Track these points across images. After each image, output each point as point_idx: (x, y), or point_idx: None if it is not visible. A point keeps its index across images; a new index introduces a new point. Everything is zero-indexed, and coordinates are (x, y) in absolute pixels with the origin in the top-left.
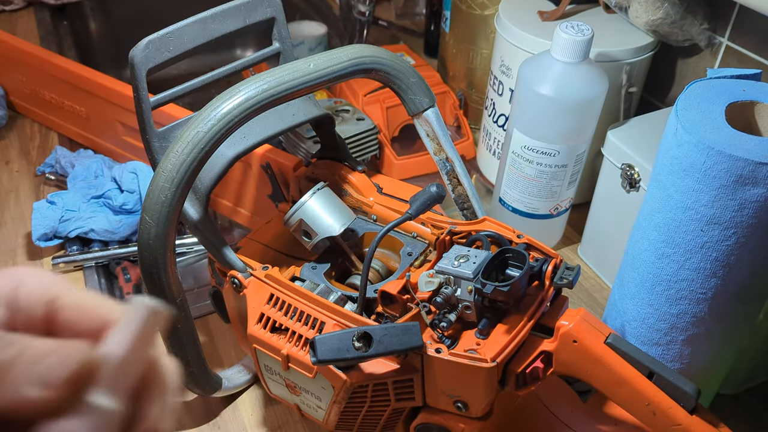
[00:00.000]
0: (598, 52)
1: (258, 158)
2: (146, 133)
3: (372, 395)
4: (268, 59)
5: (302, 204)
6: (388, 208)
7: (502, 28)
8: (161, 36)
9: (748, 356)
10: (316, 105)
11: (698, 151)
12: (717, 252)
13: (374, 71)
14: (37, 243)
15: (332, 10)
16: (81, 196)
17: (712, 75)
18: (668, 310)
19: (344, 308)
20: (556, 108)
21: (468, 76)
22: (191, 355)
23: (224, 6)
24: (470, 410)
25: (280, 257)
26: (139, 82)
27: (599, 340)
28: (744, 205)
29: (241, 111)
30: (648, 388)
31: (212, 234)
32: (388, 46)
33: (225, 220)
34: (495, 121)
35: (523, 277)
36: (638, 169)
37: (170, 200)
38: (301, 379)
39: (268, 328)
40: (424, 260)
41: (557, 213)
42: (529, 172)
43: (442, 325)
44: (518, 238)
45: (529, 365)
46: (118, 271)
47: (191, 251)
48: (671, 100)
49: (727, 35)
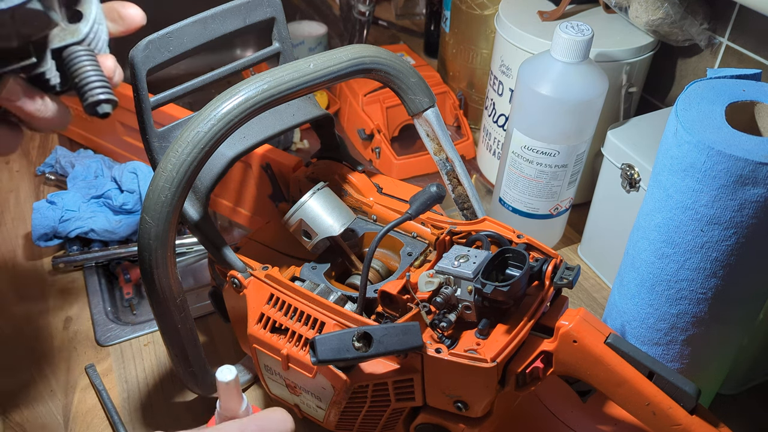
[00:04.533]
0: (598, 52)
1: (258, 158)
2: (146, 133)
3: (372, 395)
4: (268, 59)
5: (302, 204)
6: (388, 208)
7: (502, 28)
8: (161, 36)
9: (748, 356)
10: (315, 105)
11: (698, 151)
12: (717, 252)
13: (374, 71)
14: (37, 243)
15: (332, 10)
16: (81, 196)
17: (712, 75)
18: (668, 310)
19: (344, 308)
20: (556, 108)
21: (468, 76)
22: (191, 355)
23: (224, 6)
24: (470, 410)
25: (280, 257)
26: (139, 82)
27: (599, 340)
28: (744, 205)
29: (241, 111)
30: (648, 388)
31: (212, 234)
32: (388, 46)
33: (225, 220)
34: (495, 121)
35: (523, 277)
36: (638, 169)
37: (170, 200)
38: (301, 379)
39: (268, 328)
40: (424, 260)
41: (557, 213)
42: (529, 172)
43: (442, 325)
44: (518, 238)
45: (529, 365)
46: (118, 271)
47: (191, 251)
48: (671, 100)
49: (727, 35)
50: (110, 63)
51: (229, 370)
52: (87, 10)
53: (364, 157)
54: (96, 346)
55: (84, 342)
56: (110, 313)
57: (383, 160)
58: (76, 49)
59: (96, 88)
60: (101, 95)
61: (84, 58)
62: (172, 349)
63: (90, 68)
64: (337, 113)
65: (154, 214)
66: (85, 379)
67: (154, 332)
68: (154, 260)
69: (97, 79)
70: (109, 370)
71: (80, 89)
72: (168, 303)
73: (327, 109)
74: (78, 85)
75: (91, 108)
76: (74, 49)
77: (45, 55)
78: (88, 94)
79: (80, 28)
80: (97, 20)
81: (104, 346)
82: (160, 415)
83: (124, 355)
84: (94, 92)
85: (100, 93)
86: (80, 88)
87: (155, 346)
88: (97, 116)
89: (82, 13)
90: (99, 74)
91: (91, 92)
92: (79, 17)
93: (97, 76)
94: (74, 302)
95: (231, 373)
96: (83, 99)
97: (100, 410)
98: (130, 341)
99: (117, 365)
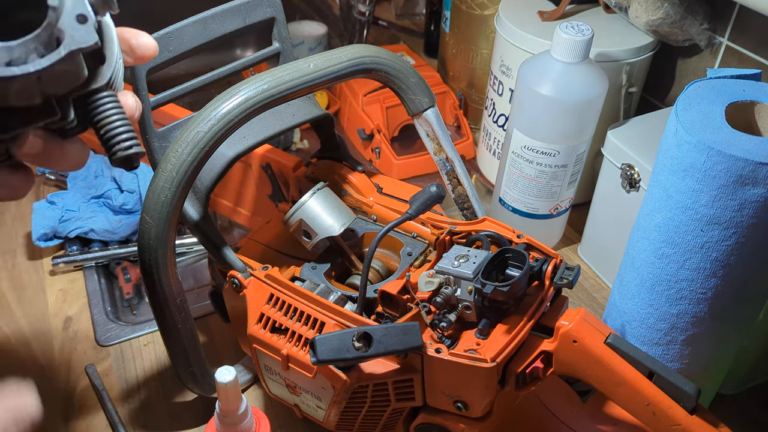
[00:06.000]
0: (598, 52)
1: (258, 158)
2: (146, 133)
3: (372, 395)
4: (268, 59)
5: (302, 204)
6: (388, 208)
7: (502, 28)
8: (161, 36)
9: (748, 356)
10: (315, 105)
11: (698, 151)
12: (717, 252)
13: (374, 71)
14: (37, 243)
15: (332, 10)
16: (81, 196)
17: (712, 75)
18: (668, 310)
19: (344, 308)
20: (556, 108)
21: (468, 76)
22: (191, 355)
23: (224, 6)
24: (470, 410)
25: (280, 257)
26: (139, 82)
27: (599, 340)
28: (744, 205)
29: (241, 111)
30: (648, 388)
31: (212, 234)
32: (388, 46)
33: (225, 220)
34: (495, 121)
35: (523, 277)
36: (638, 169)
37: (170, 200)
38: (301, 379)
39: (268, 328)
40: (424, 260)
41: (557, 213)
42: (529, 172)
43: (442, 325)
44: (518, 238)
45: (529, 365)
46: (118, 271)
47: (191, 251)
48: (671, 100)
49: (727, 35)
50: (131, 101)
51: (228, 370)
52: (109, 52)
53: (364, 157)
54: (96, 346)
55: (84, 342)
56: (110, 313)
57: (383, 160)
58: (100, 96)
59: (124, 141)
60: (131, 150)
61: (109, 105)
62: (172, 349)
63: (116, 117)
64: (337, 113)
65: (154, 214)
66: (85, 379)
67: (154, 332)
68: (154, 260)
69: (124, 131)
70: (109, 370)
71: (107, 141)
72: (168, 303)
73: (327, 109)
74: (104, 137)
75: (120, 162)
76: (98, 96)
77: (68, 107)
78: (117, 148)
79: (104, 71)
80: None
81: (104, 346)
82: (160, 415)
83: (124, 355)
84: (122, 145)
85: (129, 146)
86: (107, 140)
87: (155, 346)
88: (125, 169)
89: (105, 56)
90: (125, 123)
91: (119, 146)
92: (102, 60)
93: (124, 126)
94: (74, 302)
95: (230, 374)
96: (111, 153)
97: (100, 410)
98: (130, 341)
99: (117, 365)
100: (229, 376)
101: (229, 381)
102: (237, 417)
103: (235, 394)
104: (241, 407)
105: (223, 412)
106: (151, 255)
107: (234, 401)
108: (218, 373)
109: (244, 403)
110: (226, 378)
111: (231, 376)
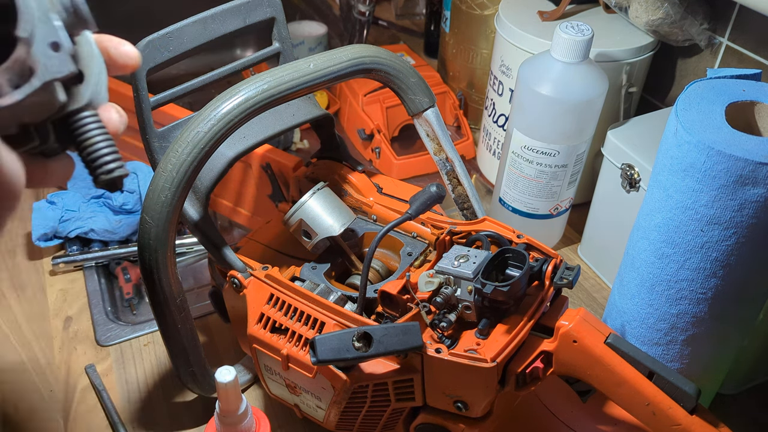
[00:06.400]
0: (598, 52)
1: (258, 158)
2: (146, 133)
3: (372, 395)
4: (268, 59)
5: (302, 204)
6: (388, 208)
7: (502, 28)
8: (161, 36)
9: (748, 356)
10: (315, 105)
11: (698, 151)
12: (717, 252)
13: (374, 71)
14: (37, 243)
15: (332, 10)
16: (81, 196)
17: (712, 75)
18: (668, 310)
19: (344, 308)
20: (556, 108)
21: (468, 76)
22: (191, 355)
23: (224, 6)
24: (470, 410)
25: (280, 257)
26: (139, 82)
27: (599, 340)
28: (744, 205)
29: (241, 111)
30: (648, 388)
31: (212, 234)
32: (388, 46)
33: (225, 220)
34: (495, 121)
35: (523, 277)
36: (638, 169)
37: (170, 200)
38: (301, 379)
39: (268, 328)
40: (424, 260)
41: (557, 213)
42: (529, 172)
43: (442, 325)
44: (518, 238)
45: (529, 365)
46: (118, 271)
47: (191, 251)
48: (671, 100)
49: (727, 35)
50: (114, 116)
51: (228, 370)
52: (88, 71)
53: (364, 157)
54: (96, 346)
55: (84, 342)
56: (110, 313)
57: (383, 160)
58: (79, 117)
59: (106, 164)
60: (113, 173)
61: (90, 126)
62: (172, 349)
63: (97, 138)
64: (337, 113)
65: (154, 214)
66: (85, 379)
67: (154, 332)
68: (154, 260)
69: (106, 153)
70: (109, 370)
71: (88, 164)
72: (168, 303)
73: (327, 109)
74: (85, 159)
75: (103, 185)
76: (77, 118)
77: (47, 132)
78: (99, 171)
79: (82, 92)
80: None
81: (104, 346)
82: (160, 415)
83: (124, 355)
84: (104, 169)
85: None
86: (88, 163)
87: (155, 346)
88: (108, 190)
89: (83, 74)
90: (107, 144)
91: (101, 169)
92: (80, 79)
93: (106, 148)
94: (74, 302)
95: (230, 374)
96: (93, 174)
97: (100, 410)
98: (130, 341)
99: (117, 365)
100: (229, 376)
101: (229, 381)
102: (237, 417)
103: (235, 394)
104: (241, 407)
105: (223, 412)
106: (151, 255)
107: (234, 401)
108: (218, 373)
109: (244, 403)
110: (226, 378)
111: (231, 376)
